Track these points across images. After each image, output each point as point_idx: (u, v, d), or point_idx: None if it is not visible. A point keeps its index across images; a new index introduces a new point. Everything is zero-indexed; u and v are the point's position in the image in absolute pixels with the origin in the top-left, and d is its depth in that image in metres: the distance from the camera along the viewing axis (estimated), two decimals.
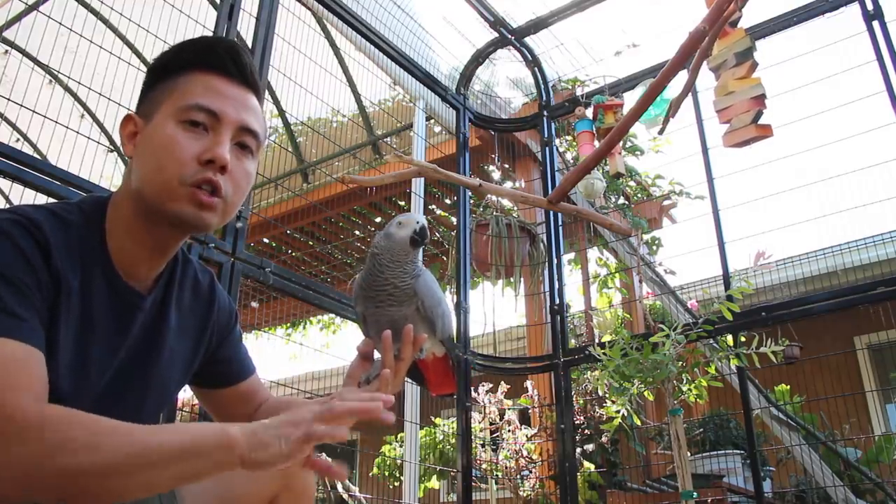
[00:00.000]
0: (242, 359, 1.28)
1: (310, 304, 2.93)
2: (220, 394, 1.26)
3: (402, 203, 6.01)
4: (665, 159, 6.30)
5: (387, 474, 5.61)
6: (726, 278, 3.27)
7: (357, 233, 6.55)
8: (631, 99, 3.59)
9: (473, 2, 4.08)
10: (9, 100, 2.46)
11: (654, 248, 6.44)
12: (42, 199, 2.20)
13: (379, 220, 6.41)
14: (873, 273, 5.12)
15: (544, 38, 4.46)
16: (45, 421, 0.78)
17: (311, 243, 6.60)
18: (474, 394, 4.10)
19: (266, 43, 2.90)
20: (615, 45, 4.86)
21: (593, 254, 6.19)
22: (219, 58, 1.06)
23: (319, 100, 3.38)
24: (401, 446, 5.49)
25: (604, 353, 2.74)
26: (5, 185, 5.25)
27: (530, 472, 4.32)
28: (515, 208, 4.41)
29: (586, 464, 4.29)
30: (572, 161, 5.34)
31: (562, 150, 5.49)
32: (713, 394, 3.84)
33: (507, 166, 5.34)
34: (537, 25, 4.28)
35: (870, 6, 3.26)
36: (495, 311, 4.12)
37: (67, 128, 2.46)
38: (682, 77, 2.42)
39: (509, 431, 4.38)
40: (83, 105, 5.46)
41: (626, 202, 6.14)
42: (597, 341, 4.51)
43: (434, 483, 5.34)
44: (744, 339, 2.90)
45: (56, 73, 2.67)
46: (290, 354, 7.00)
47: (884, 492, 4.65)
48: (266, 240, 6.75)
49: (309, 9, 3.71)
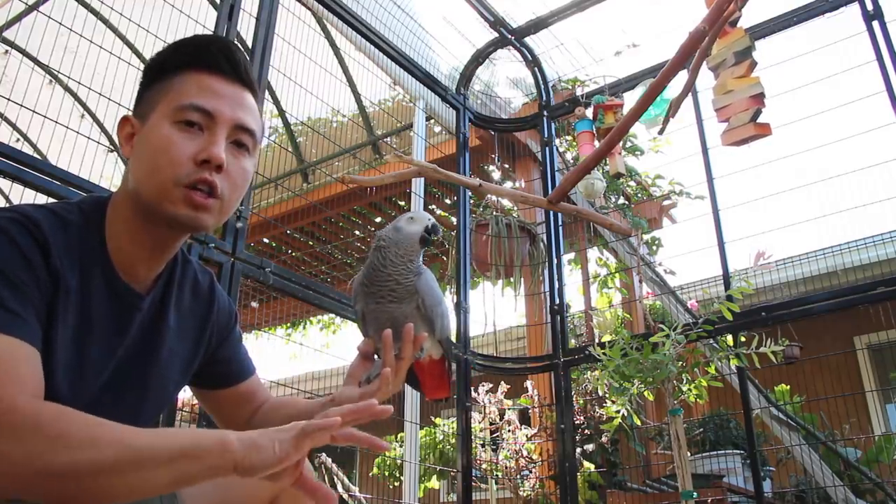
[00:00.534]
0: (242, 359, 1.28)
1: (310, 304, 2.93)
2: (220, 394, 1.25)
3: (402, 203, 6.01)
4: (665, 159, 6.31)
5: (387, 474, 5.61)
6: (726, 278, 3.27)
7: (357, 233, 6.55)
8: (631, 99, 3.59)
9: (473, 2, 4.08)
10: (9, 100, 2.46)
11: (654, 248, 6.44)
12: (42, 199, 2.20)
13: (379, 220, 6.41)
14: (873, 273, 5.12)
15: (544, 38, 4.46)
16: (40, 417, 0.78)
17: (311, 243, 6.60)
18: (474, 394, 4.10)
19: (266, 43, 2.90)
20: (615, 45, 4.86)
21: (593, 254, 6.20)
22: (213, 57, 1.06)
23: (319, 100, 3.38)
24: (401, 446, 5.49)
25: (604, 353, 2.74)
26: (5, 185, 5.26)
27: (530, 472, 4.32)
28: (515, 208, 4.41)
29: (586, 464, 4.29)
30: (572, 161, 5.34)
31: (562, 150, 5.49)
32: (713, 394, 3.84)
33: (507, 166, 5.34)
34: (537, 25, 4.28)
35: (870, 6, 3.26)
36: (495, 311, 4.12)
37: (67, 128, 2.47)
38: (682, 77, 2.42)
39: (509, 431, 4.38)
40: (83, 105, 5.46)
41: (626, 202, 6.14)
42: (597, 341, 4.51)
43: (434, 483, 5.35)
44: (744, 339, 2.90)
45: (56, 73, 2.67)
46: (290, 354, 6.99)
47: (884, 492, 4.64)
48: (266, 240, 6.75)
49: (309, 9, 3.71)
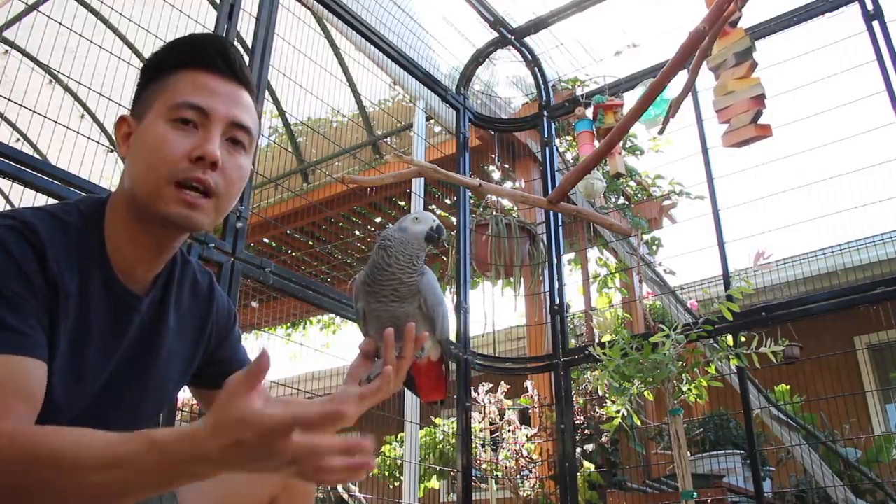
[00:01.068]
0: (241, 359, 1.28)
1: (310, 304, 2.93)
2: (217, 394, 1.24)
3: (402, 203, 6.01)
4: (665, 159, 6.31)
5: (387, 474, 5.61)
6: (726, 278, 3.27)
7: (357, 233, 6.55)
8: (631, 99, 3.59)
9: (473, 2, 4.08)
10: (9, 100, 2.46)
11: (654, 248, 6.44)
12: (42, 199, 2.20)
13: (379, 219, 6.41)
14: (873, 273, 5.11)
15: (544, 38, 4.46)
16: (12, 439, 0.77)
17: (311, 243, 6.60)
18: (474, 394, 4.10)
19: (266, 43, 2.90)
20: (615, 45, 4.86)
21: (593, 254, 6.20)
22: (208, 55, 1.05)
23: (319, 100, 3.38)
24: (401, 446, 5.49)
25: (604, 353, 2.74)
26: (5, 185, 5.25)
27: (530, 472, 4.32)
28: (515, 208, 4.41)
29: (586, 464, 4.29)
30: (572, 161, 5.34)
31: (562, 150, 5.49)
32: (713, 394, 3.84)
33: (507, 166, 5.34)
34: (537, 25, 4.28)
35: (870, 6, 3.26)
36: (495, 311, 4.12)
37: (67, 128, 2.46)
38: (682, 77, 2.42)
39: (509, 431, 4.38)
40: (83, 105, 5.46)
41: (626, 202, 6.14)
42: (597, 341, 4.51)
43: (434, 483, 5.35)
44: (744, 339, 2.90)
45: (56, 73, 2.67)
46: (290, 354, 6.99)
47: (884, 492, 4.65)
48: (266, 240, 6.75)
49: (309, 9, 3.71)
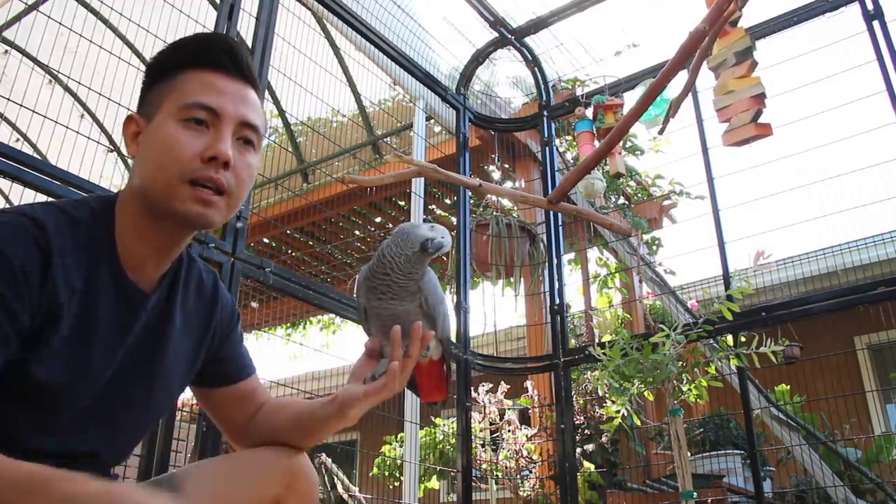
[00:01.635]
0: (243, 358, 1.29)
1: (310, 304, 2.93)
2: (220, 393, 1.26)
3: (402, 203, 6.01)
4: (665, 159, 6.30)
5: (387, 474, 5.61)
6: (726, 278, 3.27)
7: (357, 233, 6.55)
8: (631, 99, 3.59)
9: (473, 2, 4.08)
10: (9, 100, 2.46)
11: (654, 248, 6.44)
12: (42, 199, 2.20)
13: (379, 219, 6.41)
14: (873, 273, 5.11)
15: (544, 38, 4.46)
16: None
17: (311, 243, 6.60)
18: (474, 394, 4.10)
19: (266, 43, 2.90)
20: (615, 45, 4.86)
21: (593, 254, 6.20)
22: (215, 54, 1.07)
23: (319, 100, 3.37)
24: (401, 446, 5.49)
25: (604, 353, 2.74)
26: (5, 185, 5.25)
27: (530, 472, 4.31)
28: (515, 208, 4.41)
29: (586, 464, 4.29)
30: (572, 161, 5.34)
31: (562, 150, 5.49)
32: (713, 394, 3.83)
33: (507, 166, 5.34)
34: (537, 25, 4.28)
35: (870, 6, 3.26)
36: (495, 311, 4.12)
37: (67, 128, 2.46)
38: (682, 77, 2.42)
39: (509, 431, 4.38)
40: (83, 105, 5.46)
41: (626, 202, 6.14)
42: (597, 341, 4.51)
43: (434, 483, 5.34)
44: (744, 339, 2.90)
45: (56, 73, 2.67)
46: (290, 354, 7.00)
47: (884, 492, 4.64)
48: (266, 240, 6.75)
49: (309, 9, 3.71)
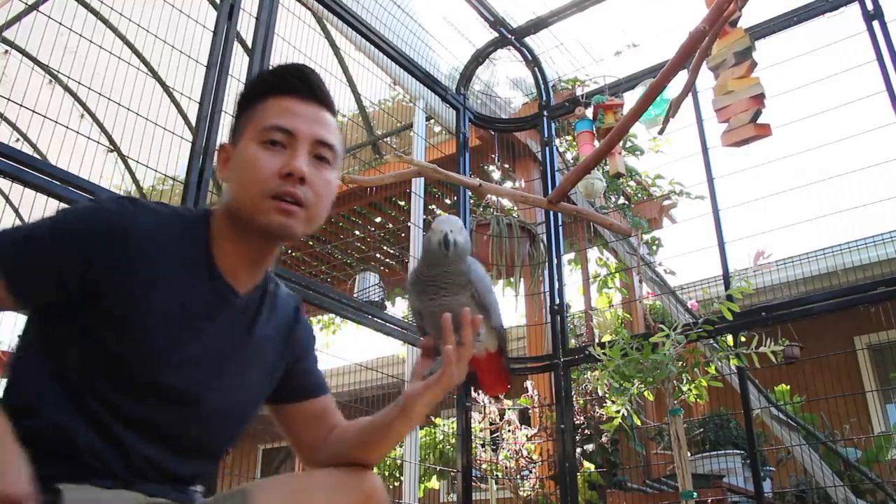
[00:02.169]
0: (317, 377, 1.35)
1: (310, 304, 2.93)
2: (295, 410, 1.32)
3: (402, 203, 6.01)
4: (665, 159, 6.30)
5: (387, 474, 5.61)
6: (726, 278, 3.27)
7: (357, 233, 6.55)
8: (631, 99, 3.59)
9: (473, 2, 4.08)
10: (9, 100, 2.46)
11: (654, 248, 6.44)
12: (42, 199, 2.20)
13: (379, 219, 6.41)
14: (873, 273, 5.11)
15: (544, 38, 4.46)
16: None
17: (310, 243, 6.59)
18: (474, 394, 4.10)
19: (266, 43, 2.90)
20: (615, 45, 4.86)
21: (593, 254, 6.20)
22: (289, 81, 1.17)
23: None
24: (401, 446, 5.49)
25: (604, 353, 2.74)
26: (5, 185, 5.25)
27: (530, 472, 4.31)
28: (515, 208, 4.41)
29: (586, 464, 4.29)
30: (572, 161, 5.34)
31: (562, 150, 5.49)
32: (713, 394, 3.83)
33: (507, 166, 5.34)
34: (537, 25, 4.27)
35: (870, 6, 3.26)
36: None
37: (67, 128, 2.46)
38: (682, 77, 2.42)
39: (509, 431, 4.38)
40: (83, 105, 5.46)
41: (626, 202, 6.14)
42: (597, 341, 4.51)
43: (434, 483, 5.35)
44: (744, 339, 2.89)
45: (56, 73, 2.67)
46: None
47: (884, 492, 4.64)
48: None
49: (309, 9, 3.71)
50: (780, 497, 4.78)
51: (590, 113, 3.62)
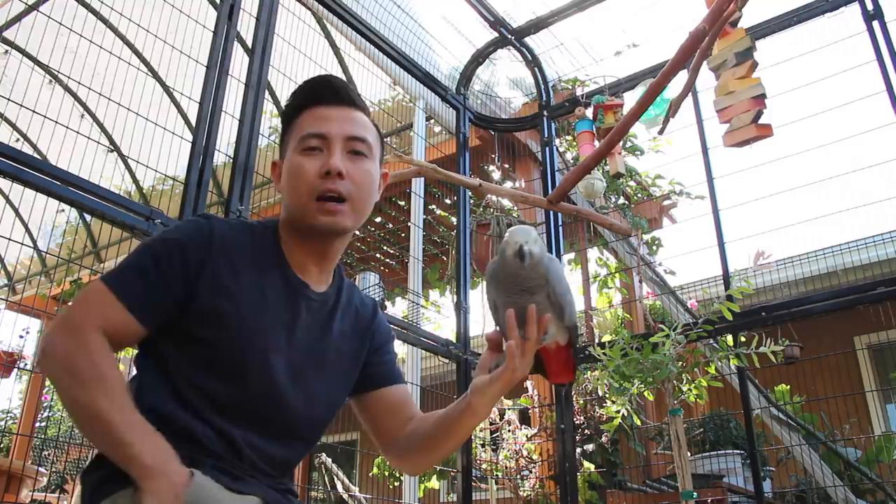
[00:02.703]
0: (394, 367, 1.43)
1: None
2: (374, 398, 1.38)
3: (402, 203, 6.01)
4: (665, 159, 6.30)
5: (387, 474, 5.61)
6: (726, 278, 3.27)
7: (357, 233, 6.55)
8: (631, 99, 3.58)
9: (473, 2, 4.08)
10: (9, 100, 2.46)
11: (654, 248, 6.44)
12: (42, 199, 2.20)
13: (379, 219, 6.41)
14: (873, 273, 5.12)
15: (544, 38, 4.46)
16: (88, 344, 1.06)
17: None
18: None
19: (266, 43, 2.90)
20: (615, 45, 4.86)
21: (593, 254, 6.19)
22: (317, 92, 1.28)
23: None
24: None
25: (604, 353, 2.74)
26: (5, 185, 5.26)
27: (530, 472, 4.32)
28: (515, 208, 4.41)
29: (586, 464, 4.29)
30: (572, 161, 5.34)
31: (562, 150, 5.49)
32: (713, 394, 3.84)
33: (507, 166, 5.34)
34: (537, 25, 4.27)
35: (870, 6, 3.26)
36: None
37: (67, 128, 2.46)
38: (682, 77, 2.42)
39: (509, 431, 4.38)
40: (83, 105, 5.46)
41: (626, 202, 6.14)
42: (597, 341, 4.51)
43: (434, 483, 5.34)
44: (744, 339, 2.89)
45: (56, 73, 2.67)
46: None
47: (884, 492, 4.65)
48: None
49: (309, 9, 3.71)
50: (780, 497, 4.78)
51: (590, 113, 3.62)
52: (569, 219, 4.73)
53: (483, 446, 4.40)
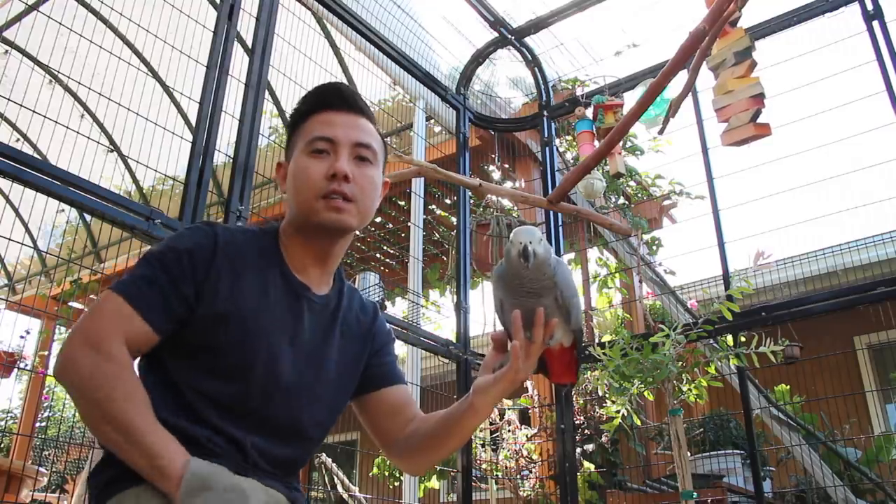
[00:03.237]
0: (394, 368, 1.44)
1: None
2: (374, 399, 1.40)
3: (402, 203, 6.01)
4: (665, 159, 6.30)
5: (387, 474, 5.61)
6: (726, 278, 3.27)
7: (357, 233, 6.54)
8: (631, 99, 3.58)
9: (473, 2, 4.08)
10: (9, 100, 2.46)
11: (654, 248, 6.44)
12: (42, 199, 2.20)
13: (379, 219, 6.41)
14: (873, 273, 5.12)
15: (544, 38, 4.46)
16: (113, 358, 1.08)
17: None
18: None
19: (266, 43, 2.90)
20: (615, 45, 4.85)
21: (593, 254, 6.19)
22: (326, 98, 1.31)
23: None
24: None
25: (604, 353, 2.74)
26: (5, 185, 5.26)
27: (530, 472, 4.32)
28: (515, 208, 4.41)
29: (586, 464, 4.29)
30: (572, 161, 5.34)
31: (562, 150, 5.49)
32: (713, 394, 3.84)
33: (507, 166, 5.34)
34: (537, 25, 4.27)
35: (870, 6, 3.26)
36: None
37: (67, 128, 2.46)
38: (682, 77, 2.42)
39: (509, 431, 4.38)
40: (83, 105, 5.47)
41: (626, 202, 6.14)
42: (597, 341, 4.51)
43: (434, 483, 5.34)
44: (744, 339, 2.90)
45: (56, 73, 2.67)
46: None
47: (884, 492, 4.65)
48: None
49: (309, 9, 3.71)
50: (780, 497, 4.78)
51: (590, 113, 3.62)
52: (569, 219, 4.73)
53: (483, 446, 4.40)
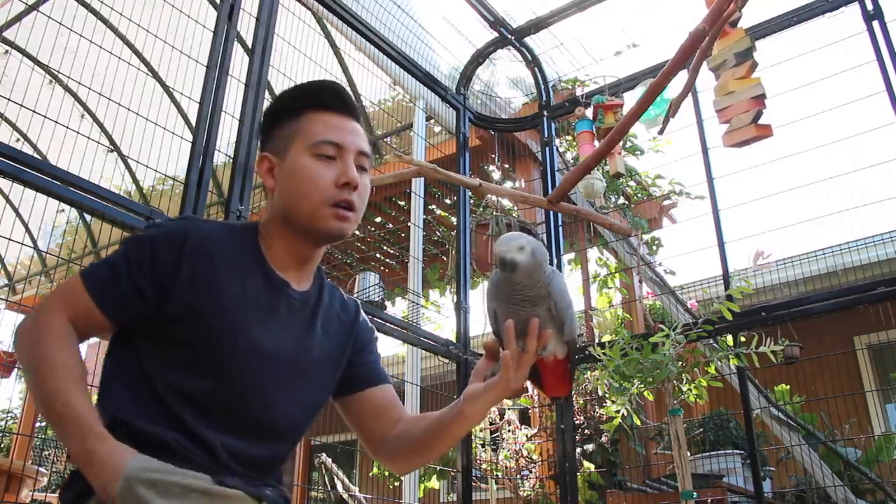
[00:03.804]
0: (378, 367, 1.42)
1: None
2: (359, 400, 1.38)
3: (402, 203, 6.01)
4: (665, 159, 6.30)
5: (387, 474, 5.62)
6: (726, 278, 3.27)
7: (357, 233, 6.55)
8: (631, 99, 3.58)
9: (473, 2, 4.08)
10: (9, 100, 2.46)
11: (654, 248, 6.44)
12: (42, 199, 2.20)
13: (379, 219, 6.41)
14: (873, 273, 5.12)
15: (544, 38, 4.46)
16: (49, 329, 1.13)
17: None
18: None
19: (266, 43, 2.90)
20: (615, 45, 4.85)
21: (593, 254, 6.20)
22: (329, 98, 1.29)
23: None
24: None
25: (604, 353, 2.74)
26: (5, 185, 5.26)
27: (530, 472, 4.32)
28: (515, 208, 4.41)
29: (586, 464, 4.29)
30: (572, 161, 5.34)
31: (562, 150, 5.49)
32: (713, 394, 3.84)
33: (507, 166, 5.34)
34: (537, 25, 4.27)
35: (870, 6, 3.26)
36: None
37: (67, 128, 2.46)
38: (682, 77, 2.42)
39: (509, 431, 4.38)
40: (83, 105, 5.46)
41: (626, 202, 6.14)
42: (597, 341, 4.51)
43: (434, 483, 5.35)
44: (744, 339, 2.89)
45: (56, 73, 2.67)
46: None
47: (884, 492, 4.65)
48: None
49: (309, 9, 3.71)
50: (780, 497, 4.78)
51: (590, 113, 3.61)
52: (569, 219, 4.73)
53: (483, 446, 4.40)
